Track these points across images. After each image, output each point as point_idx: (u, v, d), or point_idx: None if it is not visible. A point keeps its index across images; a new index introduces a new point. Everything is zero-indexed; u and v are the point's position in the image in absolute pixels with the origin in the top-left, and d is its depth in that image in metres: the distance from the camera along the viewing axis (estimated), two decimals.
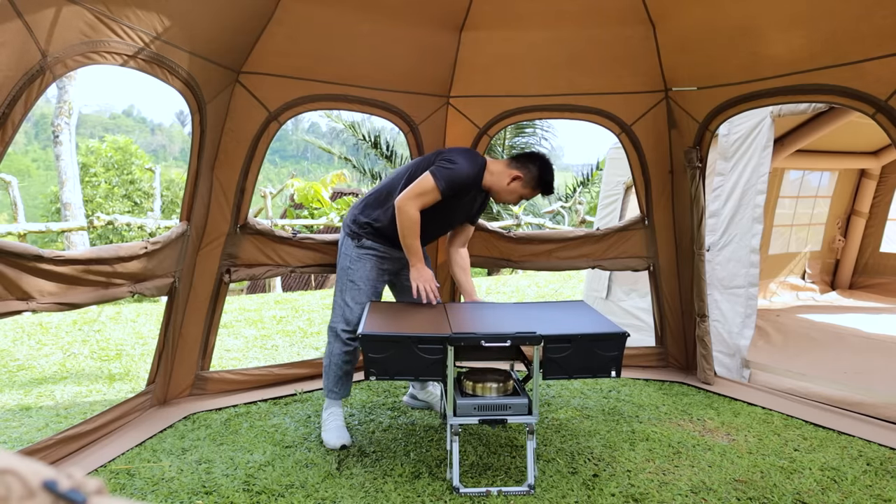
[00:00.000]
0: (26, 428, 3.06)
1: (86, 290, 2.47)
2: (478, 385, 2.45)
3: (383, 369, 2.31)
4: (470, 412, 2.38)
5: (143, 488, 2.37)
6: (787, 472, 2.55)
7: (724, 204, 4.06)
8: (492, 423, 2.39)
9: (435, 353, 2.30)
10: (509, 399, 2.40)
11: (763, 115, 3.93)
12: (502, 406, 2.39)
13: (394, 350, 2.30)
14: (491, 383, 2.45)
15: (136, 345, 4.88)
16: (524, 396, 2.43)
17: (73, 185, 10.10)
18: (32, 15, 1.88)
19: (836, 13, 2.72)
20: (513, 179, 2.86)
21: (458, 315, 2.72)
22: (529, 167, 2.87)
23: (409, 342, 2.30)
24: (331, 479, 2.45)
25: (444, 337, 2.30)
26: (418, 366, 2.31)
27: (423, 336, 2.32)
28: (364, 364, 2.34)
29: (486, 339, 2.30)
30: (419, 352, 2.30)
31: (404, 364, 2.31)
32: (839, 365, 3.85)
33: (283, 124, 3.38)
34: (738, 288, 3.91)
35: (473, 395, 2.44)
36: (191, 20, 2.59)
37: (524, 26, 3.43)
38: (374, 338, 2.31)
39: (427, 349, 2.30)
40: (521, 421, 2.40)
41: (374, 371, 2.32)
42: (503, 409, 2.39)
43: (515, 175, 2.85)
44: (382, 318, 2.63)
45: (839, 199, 6.37)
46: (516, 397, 2.42)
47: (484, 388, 2.44)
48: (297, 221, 10.38)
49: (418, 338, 2.31)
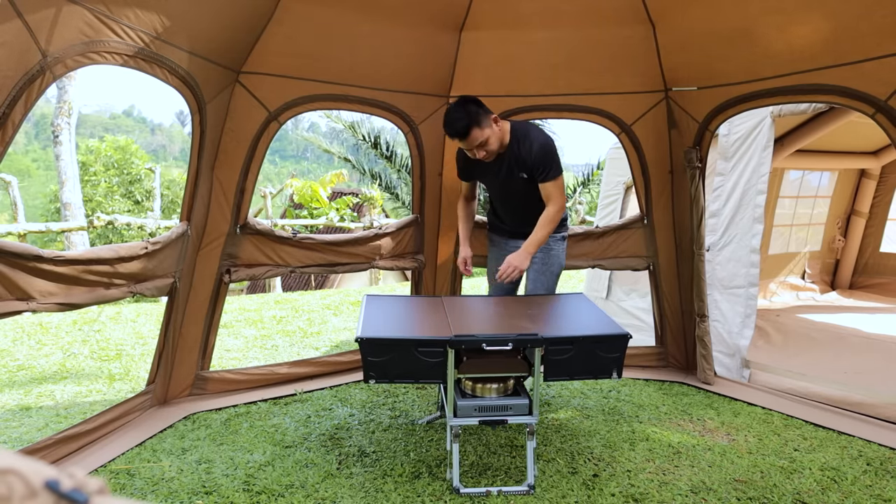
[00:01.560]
0: (26, 428, 3.06)
1: (86, 290, 2.47)
2: (478, 386, 2.44)
3: (383, 373, 2.28)
4: (470, 413, 2.36)
5: (143, 488, 2.37)
6: (787, 472, 2.55)
7: (725, 204, 4.06)
8: (492, 423, 2.39)
9: (435, 356, 2.28)
10: (510, 400, 2.39)
11: (763, 115, 3.94)
12: (503, 407, 2.38)
13: (394, 353, 2.27)
14: (491, 384, 2.43)
15: (137, 345, 4.88)
16: (524, 397, 2.42)
17: (73, 184, 10.10)
18: (32, 15, 1.88)
19: (836, 13, 2.72)
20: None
21: (457, 314, 2.71)
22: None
23: (410, 345, 2.27)
24: (331, 479, 2.45)
25: (444, 340, 2.27)
26: (418, 369, 2.29)
27: (424, 339, 2.30)
28: (363, 367, 2.31)
29: (487, 343, 2.27)
30: (419, 355, 2.27)
31: (404, 367, 2.28)
32: (839, 365, 3.85)
33: (283, 124, 3.38)
34: (738, 288, 3.91)
35: (473, 396, 2.43)
36: (191, 20, 2.58)
37: (524, 26, 3.43)
38: (373, 341, 2.28)
39: (427, 352, 2.27)
40: (522, 421, 2.39)
41: (374, 374, 2.28)
42: (503, 409, 2.38)
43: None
44: (381, 317, 2.62)
45: (839, 199, 6.37)
46: (517, 398, 2.41)
47: (484, 388, 2.43)
48: (297, 221, 10.38)
49: (418, 341, 2.29)
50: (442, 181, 4.00)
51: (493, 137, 2.87)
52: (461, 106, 2.82)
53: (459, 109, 2.81)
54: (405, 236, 3.95)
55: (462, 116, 2.78)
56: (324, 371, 3.80)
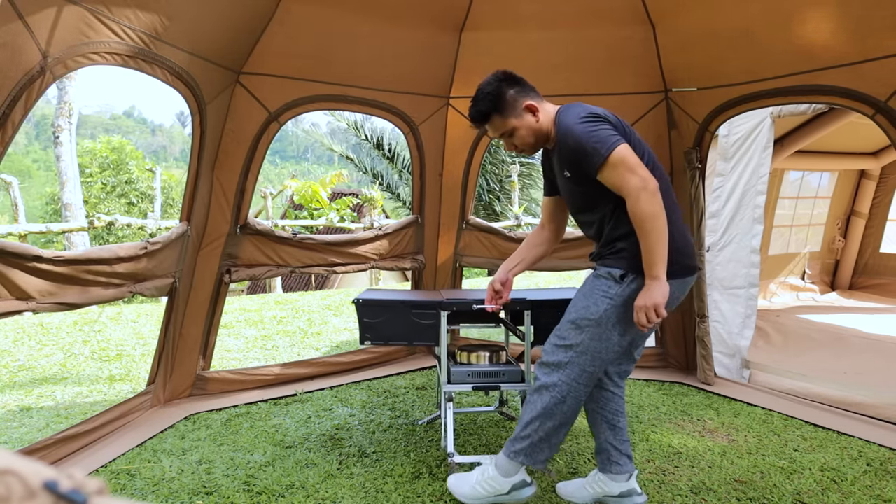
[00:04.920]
0: (27, 428, 3.07)
1: (86, 290, 2.47)
2: (472, 355, 2.54)
3: (378, 334, 2.45)
4: (464, 379, 2.45)
5: (143, 488, 2.37)
6: (787, 472, 2.55)
7: (725, 204, 4.06)
8: (486, 389, 2.46)
9: (428, 317, 2.44)
10: (503, 367, 2.49)
11: (763, 116, 3.94)
12: (496, 373, 2.47)
13: (389, 315, 2.44)
14: (484, 352, 2.54)
15: (137, 345, 4.88)
16: (517, 366, 2.52)
17: (73, 185, 10.10)
18: (32, 16, 1.88)
19: (836, 14, 2.72)
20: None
21: (452, 293, 2.88)
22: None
23: (404, 307, 2.44)
24: (331, 480, 2.45)
25: (437, 302, 2.43)
26: (413, 331, 2.44)
27: (418, 301, 2.47)
28: (360, 329, 2.47)
29: (476, 303, 2.39)
30: (414, 317, 2.43)
31: (399, 329, 2.45)
32: (839, 365, 3.85)
33: (284, 125, 3.39)
34: (738, 288, 3.91)
35: (468, 364, 2.53)
36: (191, 21, 2.59)
37: (524, 27, 3.43)
38: (370, 303, 2.45)
39: (421, 314, 2.43)
40: (515, 388, 2.48)
41: (370, 336, 2.46)
42: (497, 375, 2.47)
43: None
44: (379, 294, 2.76)
45: (839, 199, 6.37)
46: (510, 366, 2.51)
47: (478, 357, 2.53)
48: (298, 222, 10.37)
49: (413, 302, 2.45)
50: (442, 181, 4.01)
51: (526, 130, 2.10)
52: (492, 83, 2.13)
53: (488, 87, 2.12)
54: (405, 237, 3.95)
55: (484, 98, 2.10)
56: (324, 371, 3.80)
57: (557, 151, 2.10)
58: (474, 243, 4.10)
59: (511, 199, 12.96)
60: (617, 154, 1.90)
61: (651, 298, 1.90)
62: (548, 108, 2.14)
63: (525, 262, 2.36)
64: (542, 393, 2.02)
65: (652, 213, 1.88)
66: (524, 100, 2.10)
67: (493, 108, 2.10)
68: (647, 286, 1.92)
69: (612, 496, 2.20)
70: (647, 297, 1.91)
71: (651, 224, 1.88)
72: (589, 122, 1.97)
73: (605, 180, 1.96)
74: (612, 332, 1.99)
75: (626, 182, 1.89)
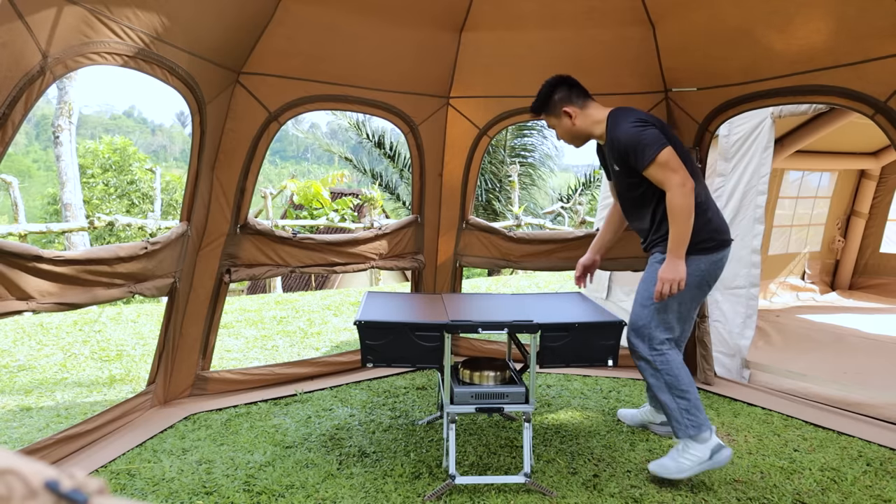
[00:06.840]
0: (27, 428, 3.07)
1: (86, 290, 2.47)
2: (475, 374, 2.48)
3: (381, 356, 2.37)
4: (467, 400, 2.40)
5: (143, 488, 2.37)
6: (787, 472, 2.55)
7: (725, 204, 4.05)
8: (489, 411, 2.41)
9: (432, 340, 2.35)
10: (506, 388, 2.43)
11: (763, 116, 3.94)
12: (499, 394, 2.41)
13: (391, 337, 2.36)
14: (488, 371, 2.48)
15: (137, 345, 4.88)
16: (521, 385, 2.46)
17: (73, 185, 10.10)
18: (32, 15, 1.88)
19: (836, 14, 2.72)
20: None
21: (455, 305, 2.77)
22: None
23: (407, 329, 2.35)
24: (331, 480, 2.45)
25: (441, 324, 2.34)
26: (415, 353, 2.37)
27: (421, 323, 2.37)
28: (361, 351, 2.39)
29: (483, 327, 2.34)
30: (417, 339, 2.35)
31: (402, 351, 2.37)
32: (839, 365, 3.85)
33: (283, 125, 3.39)
34: (738, 288, 3.91)
35: (471, 384, 2.47)
36: (191, 20, 2.59)
37: (524, 27, 3.43)
38: (372, 325, 2.36)
39: (424, 336, 2.35)
40: (518, 409, 2.42)
41: (372, 358, 2.38)
42: (500, 397, 2.41)
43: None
44: (381, 307, 2.68)
45: (839, 199, 6.37)
46: (513, 386, 2.45)
47: (481, 376, 2.47)
48: (298, 222, 10.37)
49: (416, 325, 2.36)
50: (442, 181, 4.01)
51: (561, 130, 2.63)
52: (546, 85, 2.60)
53: (543, 88, 2.60)
54: (405, 236, 3.95)
55: (538, 97, 2.60)
56: (324, 371, 3.80)
57: (609, 147, 2.56)
58: (474, 243, 4.10)
59: (511, 199, 12.98)
60: (663, 156, 2.35)
61: (675, 272, 2.38)
62: (591, 111, 2.59)
63: (614, 234, 2.98)
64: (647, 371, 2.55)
65: (686, 207, 2.34)
66: (564, 105, 2.57)
67: (541, 107, 2.62)
68: (671, 261, 2.39)
69: (654, 423, 2.94)
70: (671, 270, 2.39)
71: (683, 216, 2.35)
72: (639, 126, 2.42)
73: (650, 176, 2.41)
74: (672, 302, 2.49)
75: (669, 179, 2.35)
